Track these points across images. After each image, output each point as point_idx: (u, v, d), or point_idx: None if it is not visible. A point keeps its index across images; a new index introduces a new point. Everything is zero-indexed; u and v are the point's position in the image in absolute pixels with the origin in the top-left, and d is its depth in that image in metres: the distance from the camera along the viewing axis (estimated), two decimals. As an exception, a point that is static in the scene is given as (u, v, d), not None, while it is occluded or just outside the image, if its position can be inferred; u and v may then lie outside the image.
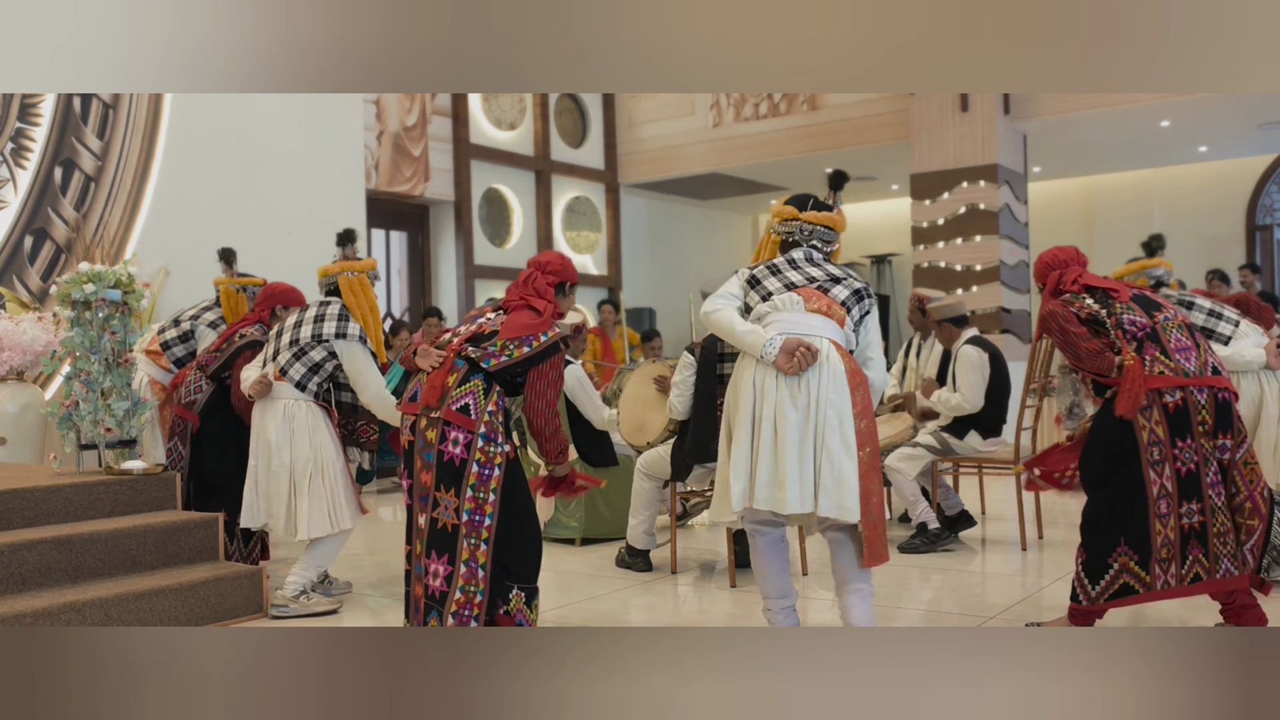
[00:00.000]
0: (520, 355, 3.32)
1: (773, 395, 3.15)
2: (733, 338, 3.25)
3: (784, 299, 3.29)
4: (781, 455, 3.10)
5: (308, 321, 4.31)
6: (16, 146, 6.85)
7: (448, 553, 3.23)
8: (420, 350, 3.39)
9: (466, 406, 3.27)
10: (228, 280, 5.29)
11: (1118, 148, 11.02)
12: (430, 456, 3.27)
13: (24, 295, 6.77)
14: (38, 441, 6.10)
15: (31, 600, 3.69)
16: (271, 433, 4.21)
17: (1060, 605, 4.13)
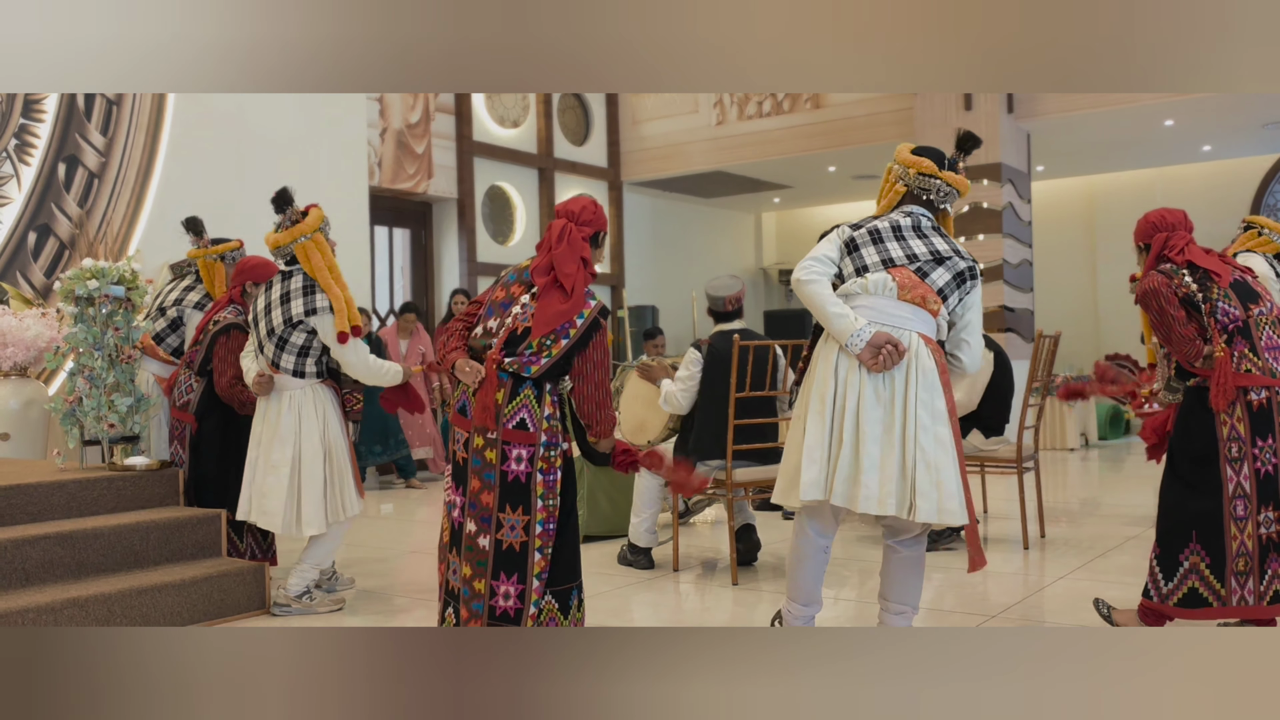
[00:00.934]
0: (560, 350, 3.12)
1: (855, 387, 3.01)
2: (821, 315, 3.06)
3: (877, 281, 3.10)
4: (861, 452, 2.96)
5: (275, 305, 4.13)
6: (20, 143, 6.86)
7: (517, 571, 3.10)
8: (458, 365, 3.18)
9: (523, 421, 3.12)
10: (202, 251, 5.09)
11: (1121, 147, 11.01)
12: (491, 477, 3.11)
13: (27, 291, 6.78)
14: (41, 437, 6.11)
15: (35, 596, 3.70)
16: (278, 425, 4.11)
17: (1063, 605, 4.13)
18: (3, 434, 5.93)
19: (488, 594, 3.09)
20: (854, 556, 5.19)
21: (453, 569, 3.18)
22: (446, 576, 3.23)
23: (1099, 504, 6.77)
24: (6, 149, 6.80)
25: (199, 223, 5.11)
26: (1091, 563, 4.86)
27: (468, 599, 3.12)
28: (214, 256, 5.04)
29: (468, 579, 3.12)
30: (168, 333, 5.05)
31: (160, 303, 5.15)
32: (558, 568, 3.16)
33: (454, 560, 3.18)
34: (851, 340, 3.00)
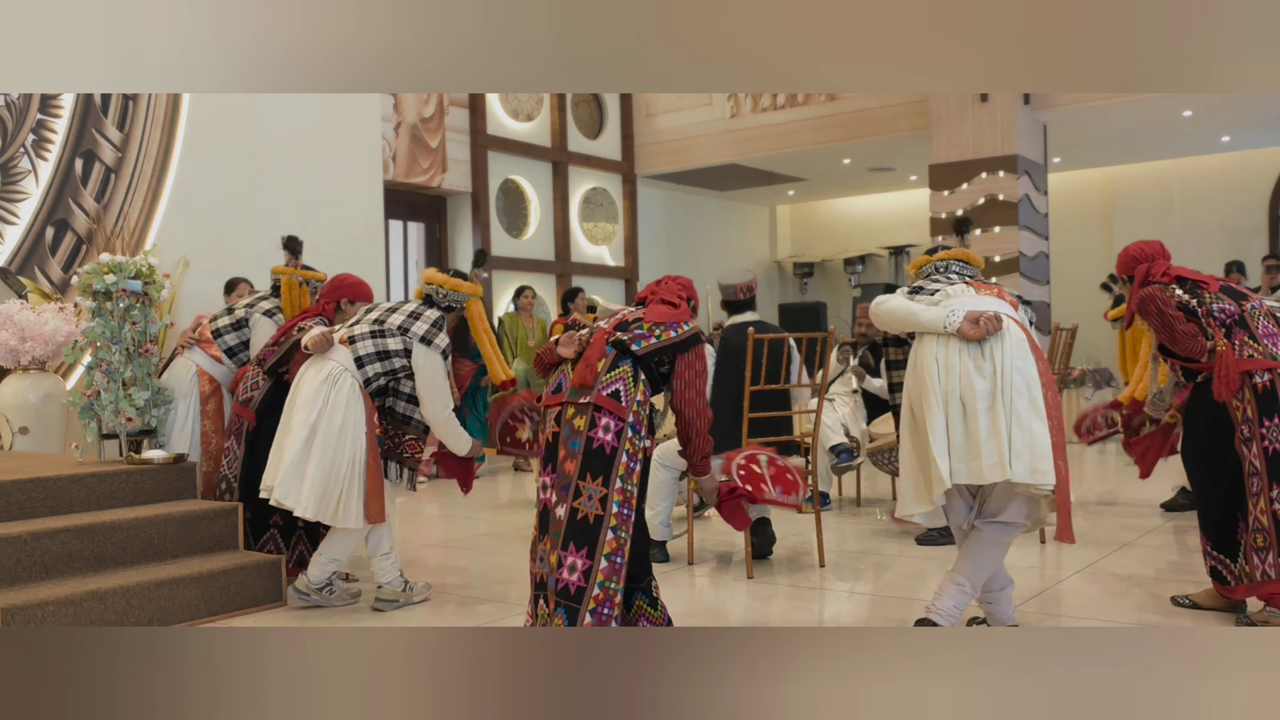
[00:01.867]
0: (668, 339, 3.21)
1: (957, 368, 3.19)
2: (911, 319, 3.31)
3: (955, 289, 3.41)
4: (973, 426, 3.14)
5: (401, 312, 4.11)
6: (38, 138, 6.90)
7: (587, 545, 3.02)
8: (562, 339, 3.25)
9: (617, 392, 3.12)
10: (290, 271, 5.02)
11: (1139, 138, 10.93)
12: (576, 445, 3.08)
13: (45, 286, 6.82)
14: (60, 431, 6.16)
15: (54, 588, 3.73)
16: (309, 389, 3.95)
17: (1080, 599, 4.12)
18: (21, 428, 5.97)
19: (556, 566, 3.02)
20: (869, 550, 5.18)
21: (541, 557, 3.14)
22: (535, 568, 3.17)
23: (1116, 498, 6.73)
24: (24, 144, 6.84)
25: (298, 243, 5.11)
26: (1109, 556, 4.84)
27: (548, 574, 3.07)
28: (301, 280, 5.00)
29: (547, 554, 3.08)
30: (228, 330, 4.93)
31: (230, 304, 5.15)
32: (633, 562, 3.12)
33: (543, 548, 3.13)
34: (948, 320, 3.23)
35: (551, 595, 3.03)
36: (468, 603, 4.29)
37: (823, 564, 4.82)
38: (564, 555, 3.02)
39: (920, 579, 4.54)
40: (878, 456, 5.75)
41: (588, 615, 2.98)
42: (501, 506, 7.06)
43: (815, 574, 4.66)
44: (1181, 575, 4.43)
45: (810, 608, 4.12)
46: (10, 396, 6.01)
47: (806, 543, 5.30)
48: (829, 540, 5.35)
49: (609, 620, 3.00)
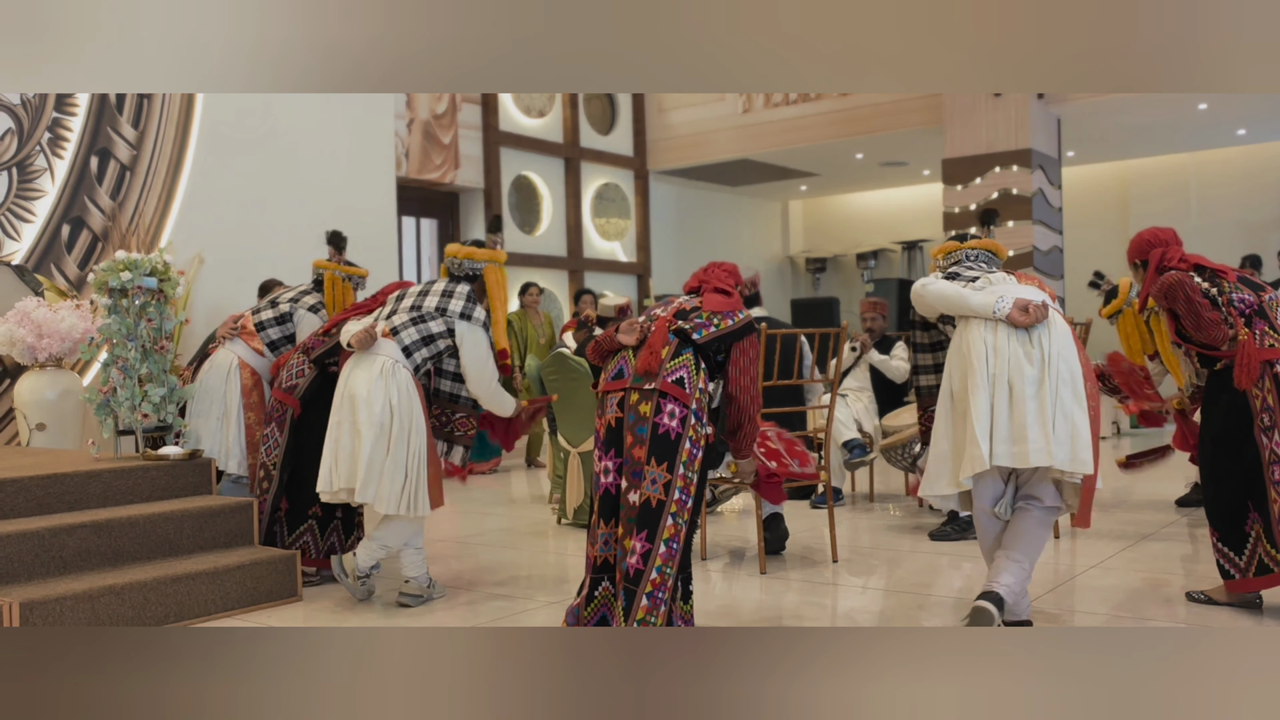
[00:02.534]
0: (726, 328, 3.27)
1: (1005, 352, 3.23)
2: (960, 302, 3.34)
3: (995, 276, 3.45)
4: (1019, 410, 3.18)
5: (434, 293, 4.14)
6: (54, 136, 6.94)
7: (647, 529, 3.06)
8: (623, 326, 3.28)
9: (681, 379, 3.16)
10: (333, 266, 5.04)
11: (1154, 131, 10.87)
12: (643, 431, 3.11)
13: (62, 283, 6.87)
14: (76, 427, 6.20)
15: (72, 583, 3.75)
16: (362, 387, 3.92)
17: (1094, 594, 4.10)
18: (39, 424, 6.02)
19: (628, 552, 3.06)
20: (881, 545, 5.18)
21: (604, 540, 3.16)
22: (595, 553, 3.19)
23: (1130, 492, 6.71)
24: (40, 143, 6.88)
25: (342, 239, 5.13)
26: (1123, 551, 4.82)
27: (620, 558, 3.10)
28: (344, 276, 5.03)
29: (620, 539, 3.11)
30: (272, 324, 4.93)
31: (274, 298, 5.12)
32: (686, 552, 3.14)
33: (606, 531, 3.16)
34: (998, 306, 3.27)
35: (621, 579, 3.08)
36: (481, 600, 4.30)
37: (836, 559, 4.81)
38: (632, 540, 3.07)
39: (933, 574, 4.53)
40: (890, 452, 5.74)
41: (644, 599, 3.02)
42: (515, 502, 7.08)
43: (828, 569, 4.66)
44: (1196, 570, 4.41)
45: (823, 603, 4.12)
46: (27, 393, 6.06)
47: (819, 538, 5.30)
48: (842, 535, 5.35)
49: (660, 604, 3.04)
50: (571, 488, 5.84)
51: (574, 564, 5.00)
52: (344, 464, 3.95)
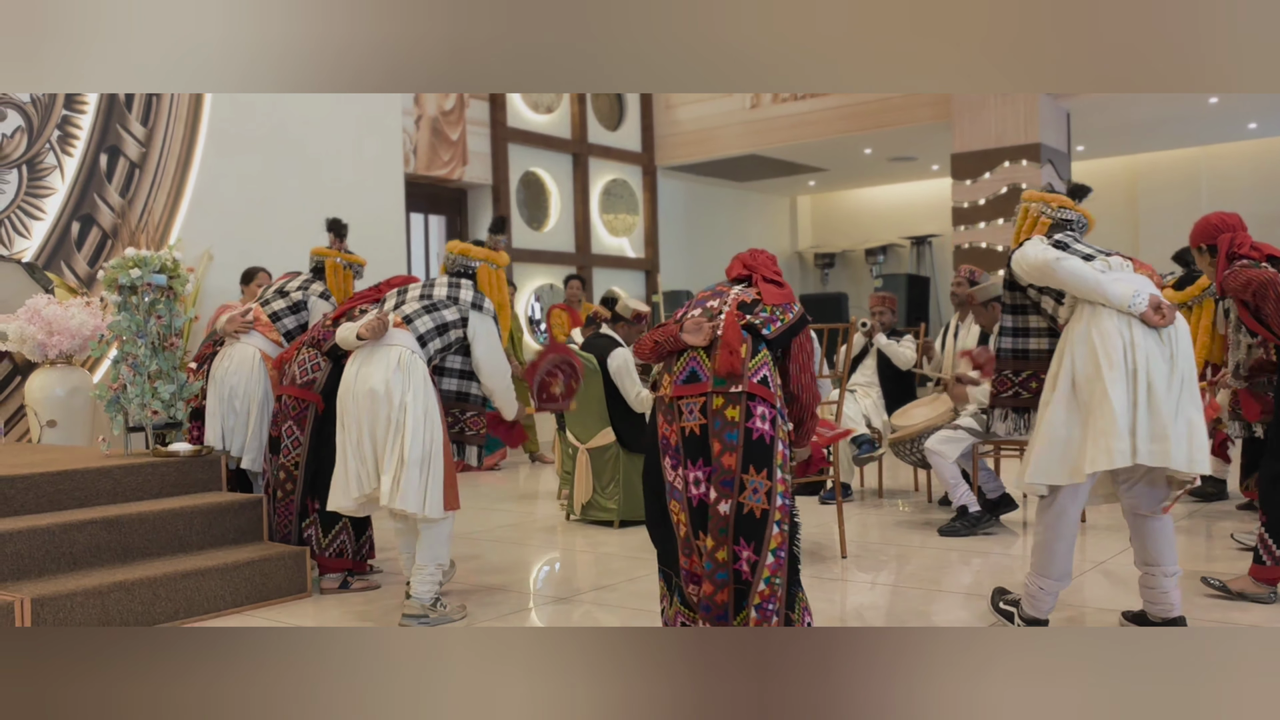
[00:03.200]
0: (788, 322, 3.11)
1: (1143, 348, 3.16)
2: (1097, 289, 3.19)
3: (1114, 260, 3.32)
4: (1158, 408, 3.12)
5: (441, 285, 4.02)
6: (63, 134, 6.96)
7: (755, 540, 2.91)
8: (688, 325, 3.06)
9: (765, 379, 3.00)
10: (334, 253, 4.95)
11: (1164, 125, 10.82)
12: (734, 437, 2.93)
13: (72, 280, 6.89)
14: (87, 424, 6.22)
15: (82, 579, 3.77)
16: (379, 380, 3.70)
17: (1104, 589, 4.09)
18: (49, 421, 6.04)
19: (731, 559, 2.91)
20: (891, 541, 5.17)
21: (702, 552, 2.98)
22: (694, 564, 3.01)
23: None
24: (50, 140, 6.90)
25: (343, 226, 5.02)
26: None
27: (710, 571, 2.94)
28: (344, 263, 4.94)
29: (710, 550, 2.94)
30: (286, 313, 4.82)
31: (280, 286, 4.97)
32: (794, 559, 3.04)
33: (698, 543, 2.99)
34: (1134, 301, 3.16)
35: (727, 588, 2.93)
36: (488, 596, 4.30)
37: (845, 555, 4.81)
38: (737, 550, 2.92)
39: (942, 570, 4.52)
40: (899, 448, 5.73)
41: (753, 611, 2.90)
42: (524, 498, 7.09)
43: (837, 565, 4.66)
44: (1210, 564, 4.39)
45: (832, 599, 4.11)
46: (38, 390, 6.08)
47: (828, 534, 5.29)
48: (851, 531, 5.34)
49: (771, 616, 2.92)
50: (580, 484, 5.84)
51: (583, 560, 5.00)
52: (369, 465, 3.76)
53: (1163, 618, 3.38)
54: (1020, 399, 3.51)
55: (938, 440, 5.32)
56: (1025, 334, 3.50)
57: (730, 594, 2.93)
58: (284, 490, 4.40)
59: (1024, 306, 3.51)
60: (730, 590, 2.92)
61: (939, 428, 5.43)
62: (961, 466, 5.39)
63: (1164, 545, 3.37)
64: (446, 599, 3.99)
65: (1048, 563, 3.35)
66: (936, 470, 5.37)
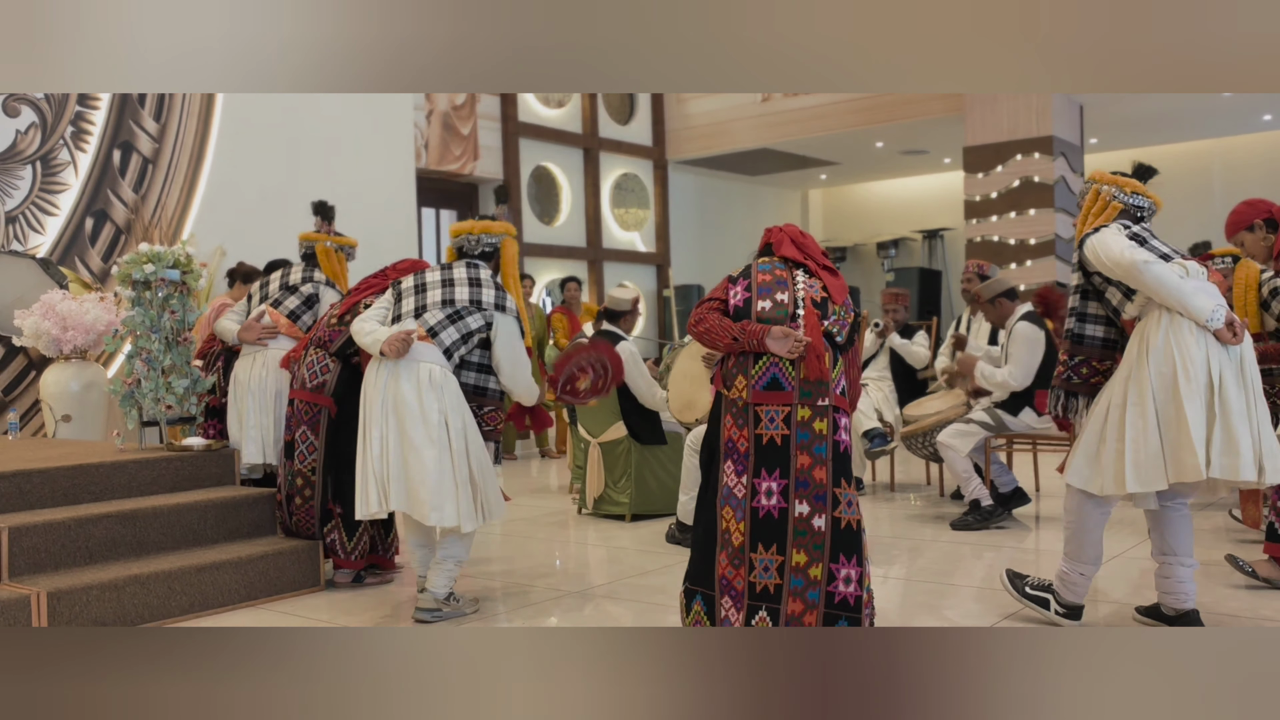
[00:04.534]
0: (851, 321, 3.07)
1: (1218, 362, 3.17)
2: (1179, 298, 3.16)
3: (1192, 266, 3.30)
4: (1230, 423, 3.13)
5: (461, 283, 3.86)
6: (76, 130, 6.99)
7: (856, 554, 2.89)
8: (774, 334, 2.93)
9: (844, 389, 2.99)
10: (323, 237, 4.84)
11: (1177, 118, 10.76)
12: (823, 450, 2.90)
13: (86, 276, 6.92)
14: (101, 419, 6.26)
15: (99, 573, 3.79)
16: (411, 397, 3.63)
17: (1117, 583, 4.08)
18: (64, 416, 6.08)
19: (826, 579, 2.86)
20: (902, 535, 5.16)
21: (763, 566, 2.91)
22: (753, 579, 2.92)
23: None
24: (64, 136, 6.93)
25: (330, 209, 4.95)
26: (1143, 543, 4.79)
27: (800, 589, 2.87)
28: (335, 246, 4.85)
29: (801, 566, 2.87)
30: (302, 310, 4.75)
31: (284, 284, 4.84)
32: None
33: (765, 557, 2.91)
34: (1214, 317, 3.16)
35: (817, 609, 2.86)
36: (502, 591, 4.31)
37: (856, 549, 4.80)
38: (835, 568, 2.87)
39: (955, 564, 4.51)
40: (912, 441, 5.72)
41: (865, 620, 2.90)
42: (536, 492, 7.10)
43: (849, 559, 4.65)
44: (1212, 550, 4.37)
45: (844, 593, 4.11)
46: (53, 385, 6.12)
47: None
48: (863, 525, 5.33)
49: (870, 618, 2.95)
50: (591, 478, 5.85)
51: (595, 554, 5.01)
52: (397, 482, 3.66)
53: (1177, 609, 3.38)
54: (1071, 384, 3.49)
55: (950, 434, 5.31)
56: (1084, 319, 3.47)
57: (819, 617, 2.86)
58: (302, 496, 4.33)
59: (1087, 292, 3.46)
60: (819, 613, 2.86)
61: (951, 421, 5.42)
62: (974, 460, 5.38)
63: (1183, 536, 3.39)
64: (460, 593, 4.00)
65: (1085, 548, 3.41)
66: (949, 464, 5.36)
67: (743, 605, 2.93)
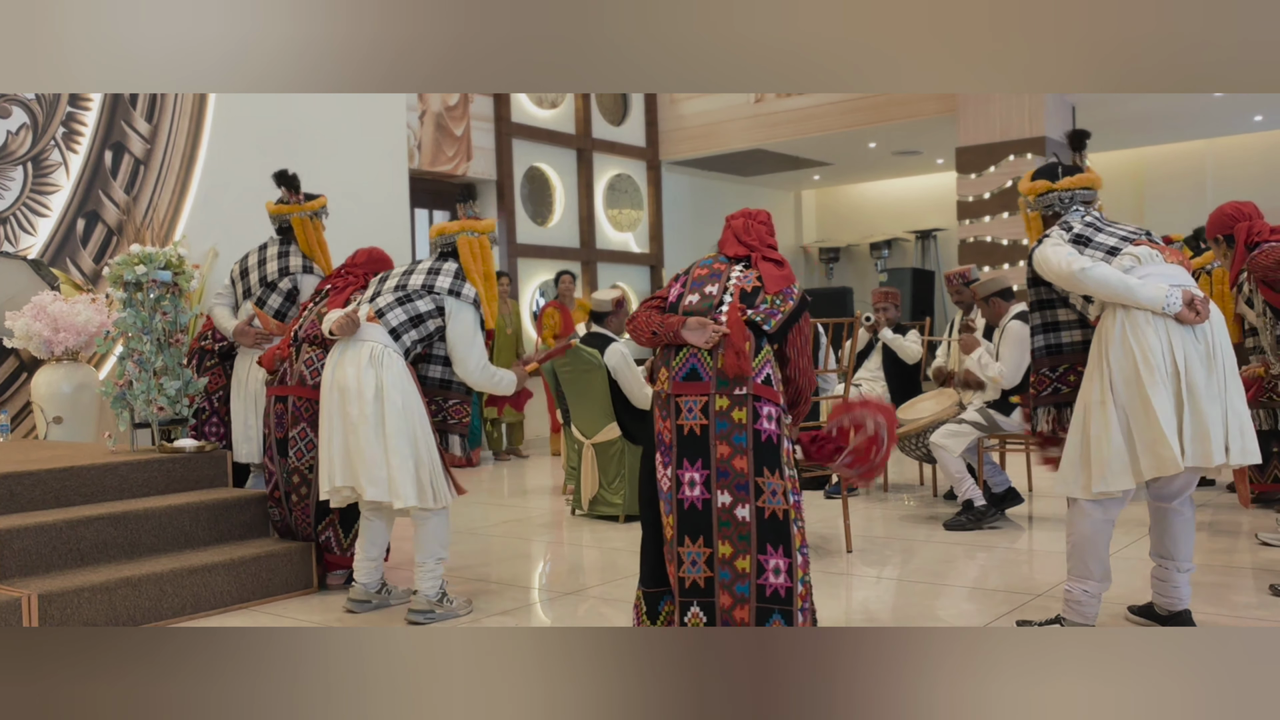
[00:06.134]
0: (788, 310, 3.04)
1: (1181, 348, 3.08)
2: (1126, 294, 3.09)
3: (1143, 251, 3.21)
4: (1199, 409, 3.06)
5: (419, 271, 3.92)
6: (68, 130, 6.97)
7: (783, 544, 2.88)
8: (690, 324, 2.97)
9: (769, 377, 2.97)
10: (295, 208, 4.76)
11: (1169, 118, 10.78)
12: (743, 440, 2.90)
13: (77, 277, 6.90)
14: (93, 420, 6.23)
15: (90, 575, 3.78)
16: (351, 377, 3.68)
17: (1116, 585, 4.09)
18: (56, 417, 6.05)
19: (755, 571, 2.86)
20: (895, 535, 5.17)
21: (692, 560, 2.91)
22: (682, 574, 2.93)
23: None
24: (55, 137, 6.91)
25: (294, 178, 4.83)
26: (1140, 540, 4.80)
27: (728, 582, 2.87)
28: (308, 213, 4.75)
29: (727, 559, 2.88)
30: (287, 307, 4.76)
31: (262, 278, 4.80)
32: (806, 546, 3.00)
33: (693, 550, 2.91)
34: (1168, 301, 3.07)
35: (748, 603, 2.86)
36: (495, 592, 4.31)
37: (850, 549, 4.81)
38: (763, 560, 2.87)
39: (948, 564, 4.52)
40: (905, 442, 5.73)
41: (799, 614, 2.88)
42: (530, 493, 7.09)
43: (842, 559, 4.66)
44: (1224, 555, 4.39)
45: (837, 594, 4.11)
46: (44, 387, 6.09)
47: (834, 528, 5.29)
48: (856, 526, 5.34)
49: (809, 615, 2.92)
50: (585, 479, 5.84)
51: (589, 555, 5.00)
52: (339, 460, 3.72)
53: (1170, 610, 3.37)
54: (1060, 394, 3.42)
55: (943, 434, 5.32)
56: (1056, 328, 3.41)
57: (750, 611, 2.86)
58: (299, 494, 4.30)
59: (1050, 301, 3.41)
60: (751, 607, 2.86)
61: (944, 422, 5.43)
62: (967, 460, 5.38)
63: (1183, 540, 3.34)
64: (454, 595, 3.98)
65: (1088, 565, 3.28)
66: (942, 464, 5.37)
67: (676, 601, 2.94)
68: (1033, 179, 3.54)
